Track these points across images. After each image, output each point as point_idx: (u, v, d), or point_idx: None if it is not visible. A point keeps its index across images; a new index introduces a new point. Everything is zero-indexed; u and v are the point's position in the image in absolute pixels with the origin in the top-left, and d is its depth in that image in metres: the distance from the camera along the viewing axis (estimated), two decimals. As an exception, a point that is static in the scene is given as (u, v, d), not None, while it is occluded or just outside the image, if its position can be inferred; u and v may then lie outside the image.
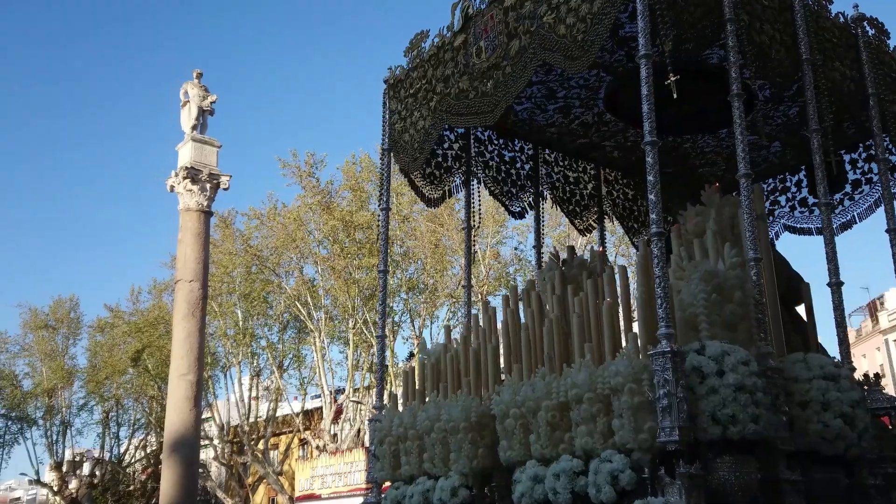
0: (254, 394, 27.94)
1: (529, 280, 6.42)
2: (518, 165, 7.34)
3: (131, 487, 32.03)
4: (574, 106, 6.80)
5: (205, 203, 13.66)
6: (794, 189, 7.96)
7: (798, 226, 7.91)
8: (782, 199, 8.12)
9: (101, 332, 30.56)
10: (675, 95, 4.30)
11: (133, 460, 32.33)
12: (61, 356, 31.65)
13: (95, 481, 31.31)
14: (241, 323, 25.95)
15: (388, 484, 5.64)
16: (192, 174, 13.55)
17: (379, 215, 6.33)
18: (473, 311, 6.35)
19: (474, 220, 6.92)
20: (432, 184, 6.69)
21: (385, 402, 6.01)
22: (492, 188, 7.08)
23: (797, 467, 4.17)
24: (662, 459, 3.80)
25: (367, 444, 5.88)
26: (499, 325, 5.67)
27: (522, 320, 5.39)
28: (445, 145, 6.85)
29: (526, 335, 5.10)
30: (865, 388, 4.97)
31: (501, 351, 5.46)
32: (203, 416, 17.54)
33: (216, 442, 27.97)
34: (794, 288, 5.69)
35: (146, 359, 27.69)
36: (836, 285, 4.95)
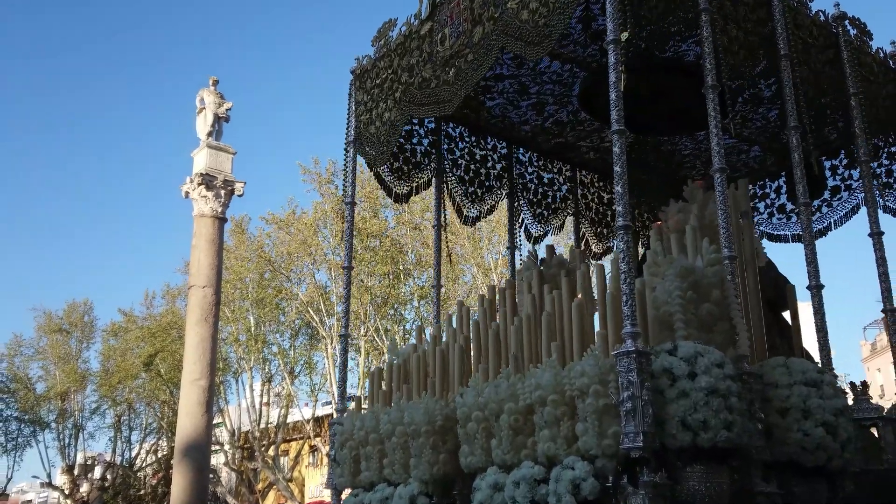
0: (265, 400, 27.86)
1: (507, 280, 6.20)
2: (489, 164, 7.12)
3: (142, 492, 31.91)
4: (548, 103, 6.60)
5: (219, 209, 13.73)
6: (773, 195, 7.83)
7: (775, 233, 7.78)
8: (761, 205, 7.99)
9: (114, 337, 30.69)
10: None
11: (144, 464, 32.29)
12: (75, 360, 31.75)
13: (107, 485, 31.23)
14: (253, 329, 25.91)
15: (347, 491, 5.36)
16: (207, 180, 13.63)
17: (345, 210, 6.06)
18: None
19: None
20: (400, 179, 6.44)
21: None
22: (455, 188, 6.82)
23: (774, 479, 3.92)
24: (627, 467, 3.54)
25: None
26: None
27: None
28: (415, 140, 6.62)
29: (495, 335, 4.83)
30: (852, 397, 4.76)
31: (473, 353, 5.21)
32: (214, 422, 17.56)
33: (227, 447, 27.86)
34: (781, 292, 5.50)
35: (159, 364, 27.77)
36: (815, 288, 4.73)
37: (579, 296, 4.44)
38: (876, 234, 5.33)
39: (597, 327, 4.33)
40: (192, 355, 12.76)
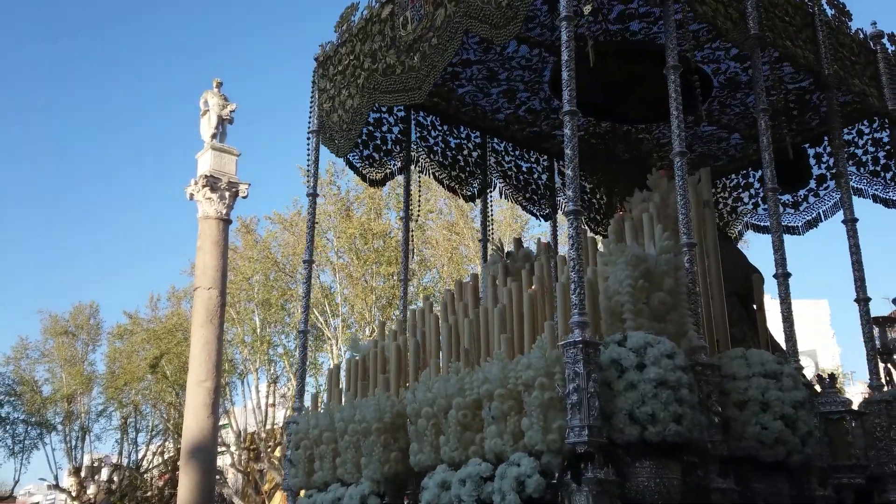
0: (271, 401, 27.81)
1: (473, 274, 6.04)
2: (465, 152, 6.95)
3: (149, 493, 31.89)
4: (519, 90, 6.42)
5: (223, 211, 13.79)
6: (756, 185, 7.63)
7: (761, 224, 7.59)
8: (745, 195, 7.80)
9: (120, 339, 30.68)
10: (591, 63, 3.93)
11: (151, 466, 32.36)
12: (81, 362, 31.76)
13: (113, 487, 31.27)
14: (258, 330, 25.88)
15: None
16: (212, 182, 13.69)
17: (307, 202, 5.89)
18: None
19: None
20: (371, 166, 6.29)
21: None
22: (438, 173, 6.67)
23: (731, 474, 3.74)
24: (573, 463, 3.37)
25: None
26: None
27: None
28: (384, 128, 6.45)
29: (449, 329, 4.67)
30: (819, 389, 4.58)
31: (432, 348, 5.04)
32: (220, 423, 17.46)
33: (233, 449, 27.93)
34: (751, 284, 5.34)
35: (164, 365, 27.77)
36: (782, 276, 4.54)
37: (532, 287, 4.27)
38: (850, 221, 5.14)
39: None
40: (197, 357, 12.83)
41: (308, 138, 5.97)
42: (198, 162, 14.32)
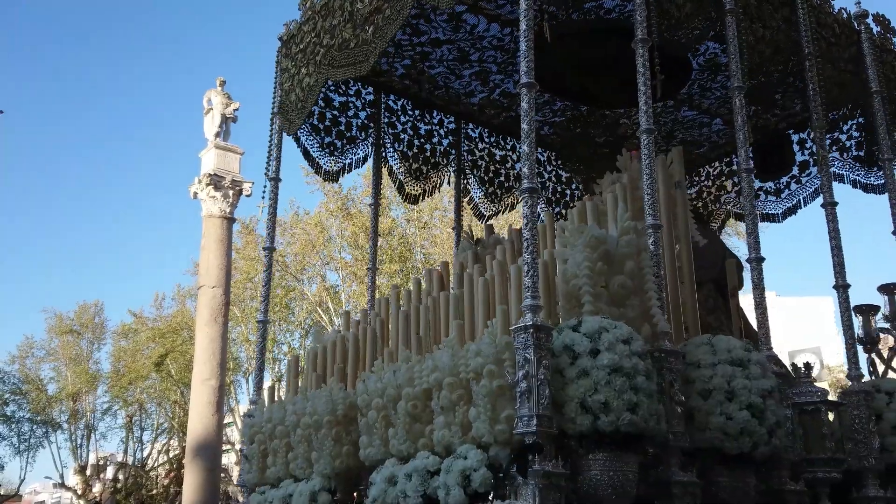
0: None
1: (443, 262, 5.83)
2: (435, 140, 6.72)
3: (154, 492, 31.68)
4: (492, 71, 6.20)
5: (227, 210, 13.81)
6: (740, 172, 7.41)
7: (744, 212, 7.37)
8: (728, 183, 7.59)
9: (125, 338, 30.60)
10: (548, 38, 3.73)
11: (156, 465, 32.26)
12: (86, 361, 31.82)
13: (119, 485, 31.08)
14: None
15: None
16: (215, 181, 13.72)
17: (265, 186, 5.65)
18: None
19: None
20: (331, 155, 6.04)
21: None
22: (397, 166, 6.41)
23: (693, 467, 3.53)
24: (521, 455, 3.15)
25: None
26: None
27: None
28: (350, 113, 6.22)
29: (405, 318, 4.46)
30: (794, 378, 4.37)
31: (391, 337, 4.83)
32: (225, 422, 17.41)
33: (238, 446, 27.63)
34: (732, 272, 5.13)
35: (169, 364, 27.68)
36: (755, 261, 4.33)
37: (488, 272, 4.06)
38: (829, 205, 4.93)
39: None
40: (202, 355, 12.80)
41: (271, 121, 5.75)
42: (201, 160, 14.38)
